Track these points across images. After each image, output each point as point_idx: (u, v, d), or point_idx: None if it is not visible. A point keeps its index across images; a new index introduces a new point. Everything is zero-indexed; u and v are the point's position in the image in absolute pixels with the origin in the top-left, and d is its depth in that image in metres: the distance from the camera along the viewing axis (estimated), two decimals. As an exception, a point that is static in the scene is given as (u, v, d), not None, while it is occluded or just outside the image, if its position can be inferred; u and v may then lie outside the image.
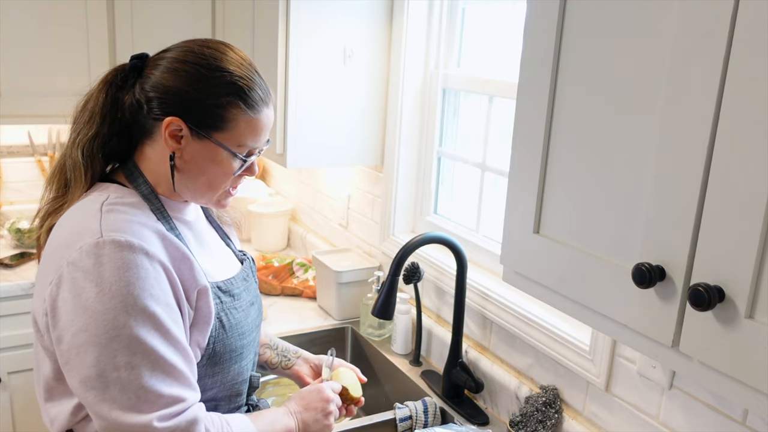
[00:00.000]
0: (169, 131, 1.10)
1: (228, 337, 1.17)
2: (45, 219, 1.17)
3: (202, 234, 1.24)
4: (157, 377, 1.02)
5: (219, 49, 1.13)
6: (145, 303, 1.02)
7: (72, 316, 1.01)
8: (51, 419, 1.13)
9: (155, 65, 1.13)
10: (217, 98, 1.09)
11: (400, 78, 2.07)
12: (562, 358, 1.53)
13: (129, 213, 1.09)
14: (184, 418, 1.03)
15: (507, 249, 1.13)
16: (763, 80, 0.73)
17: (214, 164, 1.13)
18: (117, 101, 1.14)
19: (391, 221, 2.17)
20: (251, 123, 1.13)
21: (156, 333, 1.03)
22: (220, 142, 1.12)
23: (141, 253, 1.03)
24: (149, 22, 2.53)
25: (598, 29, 0.93)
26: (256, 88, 1.13)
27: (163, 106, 1.10)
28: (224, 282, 1.20)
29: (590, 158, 0.96)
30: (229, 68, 1.11)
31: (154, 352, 1.02)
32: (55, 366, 1.10)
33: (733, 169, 0.76)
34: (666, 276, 0.85)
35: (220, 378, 1.19)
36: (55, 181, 1.17)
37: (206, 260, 1.19)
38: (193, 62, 1.10)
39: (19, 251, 2.52)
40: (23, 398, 2.35)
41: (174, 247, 1.10)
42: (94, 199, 1.11)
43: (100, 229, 1.04)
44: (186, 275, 1.10)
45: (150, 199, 1.14)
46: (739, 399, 0.80)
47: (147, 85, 1.12)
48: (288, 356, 1.48)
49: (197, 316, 1.12)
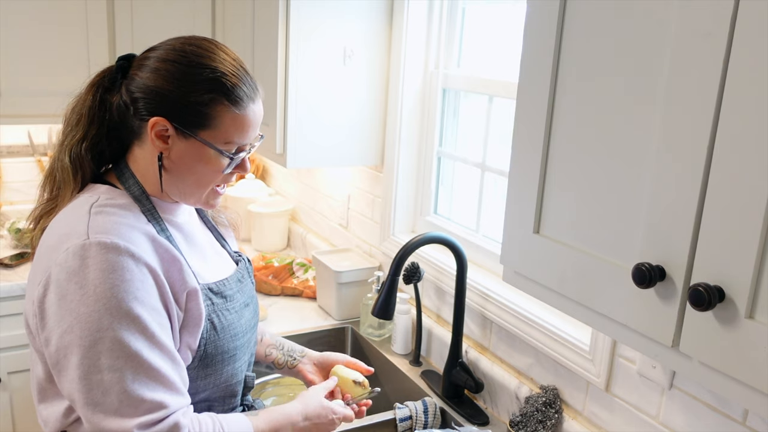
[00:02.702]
0: (155, 132, 1.10)
1: (220, 339, 1.17)
2: (38, 221, 1.18)
3: (193, 235, 1.23)
4: (140, 381, 1.01)
5: (202, 46, 1.13)
6: (129, 306, 1.01)
7: (58, 318, 1.01)
8: (44, 420, 1.13)
9: (140, 65, 1.13)
10: (199, 95, 1.09)
11: (400, 78, 2.07)
12: (562, 358, 1.53)
13: (118, 215, 1.09)
14: (166, 424, 1.02)
15: (507, 249, 1.13)
16: (763, 80, 0.73)
17: (202, 163, 1.13)
18: (105, 103, 1.14)
19: (391, 221, 2.17)
20: (237, 119, 1.12)
21: (140, 336, 1.02)
22: (207, 141, 1.11)
23: (127, 256, 1.03)
24: (149, 22, 2.53)
25: (598, 29, 0.93)
26: (240, 84, 1.12)
27: (149, 107, 1.10)
28: (216, 283, 1.19)
29: (590, 158, 0.96)
30: (211, 65, 1.10)
31: (137, 356, 1.01)
32: (46, 367, 1.10)
33: (733, 169, 0.76)
34: (666, 276, 0.85)
35: (213, 380, 1.19)
36: (47, 183, 1.18)
37: (197, 262, 1.19)
38: (175, 60, 1.10)
39: (19, 251, 2.52)
40: (23, 398, 2.35)
41: (164, 249, 1.09)
42: (84, 201, 1.11)
43: (87, 231, 1.04)
44: (175, 277, 1.10)
45: (141, 201, 1.14)
46: (739, 399, 0.80)
47: (132, 85, 1.12)
48: (294, 356, 1.49)
49: (187, 318, 1.12)
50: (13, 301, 2.28)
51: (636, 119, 0.88)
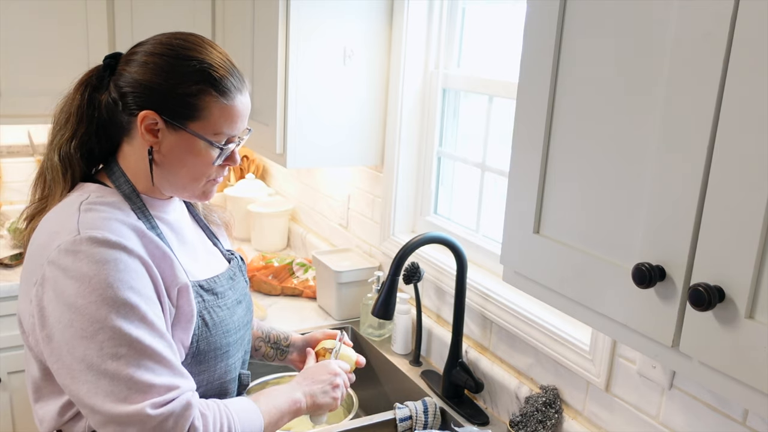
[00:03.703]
0: (145, 125, 1.11)
1: (212, 335, 1.18)
2: (30, 220, 1.19)
3: (183, 233, 1.24)
4: (146, 367, 1.02)
5: (189, 39, 1.14)
6: (125, 295, 1.02)
7: (58, 314, 1.02)
8: (40, 420, 1.13)
9: (128, 61, 1.14)
10: (187, 87, 1.10)
11: (400, 78, 2.07)
12: (562, 358, 1.53)
13: (107, 212, 1.09)
14: (179, 403, 1.03)
15: (507, 249, 1.13)
16: (763, 80, 0.73)
17: (192, 155, 1.13)
18: (93, 101, 1.15)
19: (391, 221, 2.17)
20: (225, 110, 1.13)
21: (140, 324, 1.03)
22: (196, 132, 1.12)
23: (119, 248, 1.04)
24: (149, 22, 2.52)
25: (598, 29, 0.93)
26: (227, 75, 1.13)
27: (137, 101, 1.11)
28: (206, 281, 1.20)
29: (590, 158, 0.96)
30: (198, 56, 1.12)
31: (139, 342, 1.02)
32: (41, 366, 1.10)
33: (734, 169, 0.76)
34: (666, 276, 0.85)
35: (206, 376, 1.19)
36: (38, 183, 1.19)
37: (187, 259, 1.19)
38: (162, 53, 1.11)
39: (19, 251, 2.52)
40: (23, 398, 2.35)
41: (154, 245, 1.10)
42: (74, 200, 1.12)
43: (77, 227, 1.05)
44: (166, 272, 1.11)
45: (131, 198, 1.15)
46: (739, 399, 0.80)
47: (121, 81, 1.13)
48: (280, 347, 1.53)
49: (179, 314, 1.12)
50: (12, 301, 2.28)
51: (636, 119, 0.88)
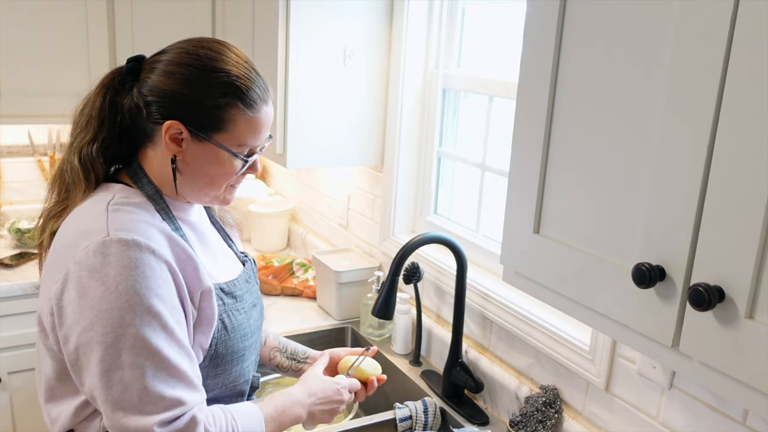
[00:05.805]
0: (170, 135, 1.10)
1: (230, 339, 1.18)
2: (47, 222, 1.18)
3: (205, 235, 1.24)
4: (160, 378, 1.02)
5: (214, 49, 1.13)
6: (150, 302, 1.02)
7: (78, 315, 1.01)
8: (52, 419, 1.13)
9: (152, 68, 1.12)
10: (215, 99, 1.09)
11: (400, 78, 2.07)
12: (562, 358, 1.53)
13: (135, 212, 1.09)
14: (183, 420, 1.03)
15: (507, 249, 1.13)
16: (763, 80, 0.73)
17: (216, 165, 1.13)
18: (115, 105, 1.14)
19: (391, 221, 2.17)
20: (251, 122, 1.13)
21: (161, 333, 1.03)
22: (221, 144, 1.12)
23: (147, 252, 1.03)
24: (149, 22, 2.53)
25: (598, 29, 0.93)
26: (253, 86, 1.13)
27: (162, 110, 1.10)
28: (227, 284, 1.20)
29: (590, 158, 0.96)
30: (225, 68, 1.11)
31: (158, 353, 1.02)
32: (57, 366, 1.10)
33: (733, 169, 0.76)
34: (666, 276, 0.85)
35: (222, 379, 1.19)
36: (56, 185, 1.18)
37: (209, 262, 1.19)
38: (189, 64, 1.10)
39: (19, 251, 2.52)
40: (23, 398, 2.35)
41: (180, 247, 1.10)
42: (99, 199, 1.11)
43: (106, 227, 1.04)
44: (190, 276, 1.10)
45: (155, 200, 1.15)
46: (739, 399, 0.80)
47: (144, 88, 1.11)
48: (297, 358, 1.51)
49: (200, 318, 1.12)
50: (13, 301, 2.28)
51: (636, 119, 0.88)
